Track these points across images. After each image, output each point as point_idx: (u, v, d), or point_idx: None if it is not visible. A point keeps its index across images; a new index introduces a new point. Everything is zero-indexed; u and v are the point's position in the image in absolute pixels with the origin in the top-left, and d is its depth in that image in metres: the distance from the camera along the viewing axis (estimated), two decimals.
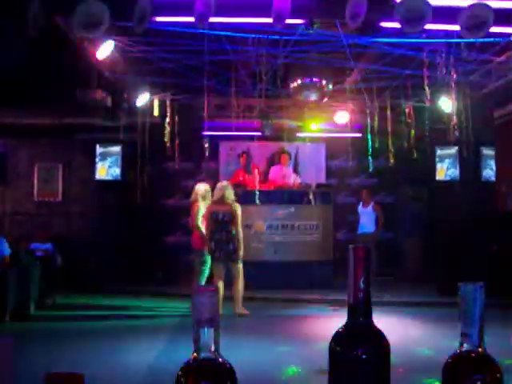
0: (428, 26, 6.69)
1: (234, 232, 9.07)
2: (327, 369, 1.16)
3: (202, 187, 9.66)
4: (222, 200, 9.16)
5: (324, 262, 11.86)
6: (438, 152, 13.34)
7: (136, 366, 6.03)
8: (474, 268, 9.20)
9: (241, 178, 11.92)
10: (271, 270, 11.25)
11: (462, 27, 5.70)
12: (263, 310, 9.69)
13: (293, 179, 12.68)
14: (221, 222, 9.10)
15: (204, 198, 9.55)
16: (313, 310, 10.08)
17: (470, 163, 12.47)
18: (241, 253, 9.09)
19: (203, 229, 9.38)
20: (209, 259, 9.45)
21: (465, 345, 1.14)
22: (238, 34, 8.00)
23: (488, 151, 13.36)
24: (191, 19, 6.75)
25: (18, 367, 1.44)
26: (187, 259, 9.81)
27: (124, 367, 6.01)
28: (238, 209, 9.16)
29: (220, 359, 1.11)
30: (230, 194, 9.28)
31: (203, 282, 9.50)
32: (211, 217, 9.16)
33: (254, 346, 6.95)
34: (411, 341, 7.13)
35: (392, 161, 11.50)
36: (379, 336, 1.15)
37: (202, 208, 9.47)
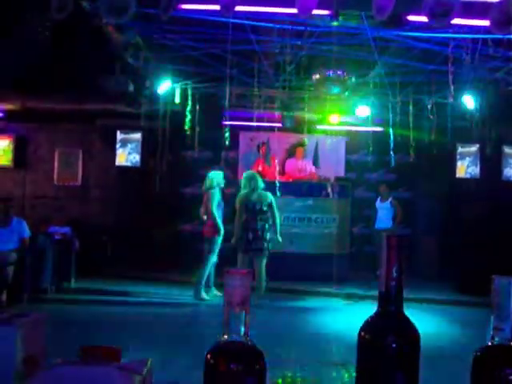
0: (455, 21, 6.60)
1: (270, 221, 9.12)
2: (339, 362, 1.15)
3: (218, 174, 9.68)
4: (254, 189, 9.16)
5: (340, 255, 11.82)
6: (459, 149, 13.21)
7: (155, 349, 6.07)
8: (493, 266, 9.13)
9: (260, 169, 11.90)
10: (287, 262, 11.23)
11: (491, 23, 5.63)
12: (277, 301, 9.69)
13: (308, 171, 12.64)
14: (258, 211, 9.09)
15: (219, 185, 9.57)
16: (328, 302, 10.07)
17: (491, 161, 12.34)
18: (280, 238, 9.16)
19: (218, 216, 9.39)
20: (217, 248, 9.46)
21: (496, 338, 1.13)
22: (262, 24, 7.95)
23: (510, 150, 13.21)
24: (216, 7, 6.72)
25: None
26: (203, 247, 9.84)
27: (143, 350, 6.04)
28: (272, 196, 9.19)
29: (250, 342, 1.11)
30: (261, 183, 9.30)
31: (208, 271, 9.51)
32: (246, 206, 9.13)
33: (267, 337, 6.95)
34: (431, 335, 7.09)
35: (412, 156, 11.41)
36: (410, 325, 1.14)
37: (217, 195, 9.46)
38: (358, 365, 1.15)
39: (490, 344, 1.13)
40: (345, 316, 8.64)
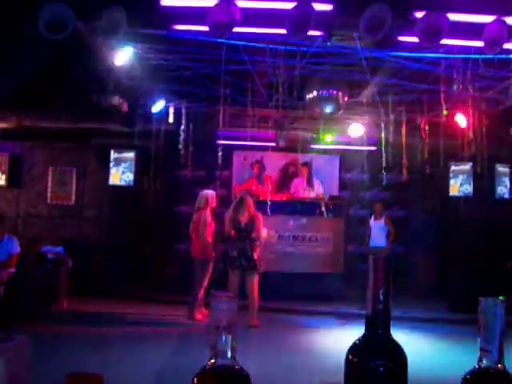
0: (446, 42, 6.67)
1: (255, 240, 9.10)
2: (338, 381, 1.15)
3: (211, 193, 9.66)
4: (243, 208, 9.17)
5: (335, 274, 11.79)
6: (452, 167, 13.24)
7: (145, 371, 6.02)
8: (487, 284, 9.13)
9: (254, 188, 11.90)
10: (281, 281, 11.20)
11: (484, 43, 5.69)
12: (273, 321, 9.64)
13: (316, 190, 12.62)
14: (243, 230, 9.10)
15: (211, 204, 9.56)
16: (323, 322, 10.02)
17: (484, 180, 12.38)
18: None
19: (207, 237, 9.34)
20: (210, 269, 9.39)
21: (484, 361, 1.12)
22: (255, 44, 8.00)
23: (503, 168, 13.26)
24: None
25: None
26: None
27: (132, 372, 6.00)
28: (260, 217, 9.20)
29: (236, 366, 1.10)
30: (251, 203, 9.31)
31: (202, 292, 9.43)
32: (233, 225, 9.15)
33: (263, 357, 6.91)
34: (423, 355, 7.06)
35: (406, 175, 11.45)
36: (398, 349, 1.13)
37: (207, 216, 9.44)
38: None
39: (477, 367, 1.12)
40: (340, 335, 8.58)
